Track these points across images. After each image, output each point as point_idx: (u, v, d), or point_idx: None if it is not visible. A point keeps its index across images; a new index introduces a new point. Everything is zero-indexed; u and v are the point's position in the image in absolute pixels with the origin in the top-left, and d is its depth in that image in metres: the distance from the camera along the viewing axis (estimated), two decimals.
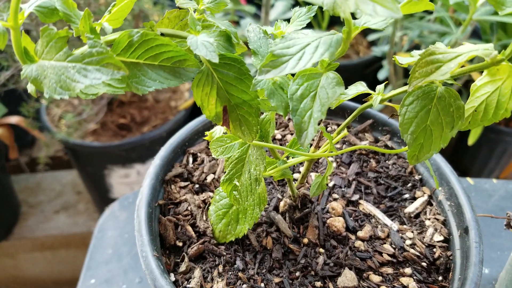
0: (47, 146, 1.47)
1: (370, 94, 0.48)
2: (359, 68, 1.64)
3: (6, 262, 1.69)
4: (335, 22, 1.81)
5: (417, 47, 1.50)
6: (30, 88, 0.38)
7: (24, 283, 1.76)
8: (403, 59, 0.45)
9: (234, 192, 0.51)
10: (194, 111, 1.52)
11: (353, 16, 0.39)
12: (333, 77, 0.39)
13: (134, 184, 1.55)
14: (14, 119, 1.54)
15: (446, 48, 0.39)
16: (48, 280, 1.77)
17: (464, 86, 1.34)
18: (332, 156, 0.68)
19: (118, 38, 0.36)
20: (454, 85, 0.45)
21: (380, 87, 0.46)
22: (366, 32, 1.77)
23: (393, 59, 1.47)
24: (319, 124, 0.39)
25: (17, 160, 1.80)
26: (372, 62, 1.61)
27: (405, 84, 0.42)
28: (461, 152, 1.59)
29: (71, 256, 1.72)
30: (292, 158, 0.54)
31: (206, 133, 0.53)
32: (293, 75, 0.40)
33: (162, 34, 0.39)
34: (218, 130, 0.54)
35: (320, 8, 0.38)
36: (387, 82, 0.84)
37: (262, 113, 0.50)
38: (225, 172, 0.50)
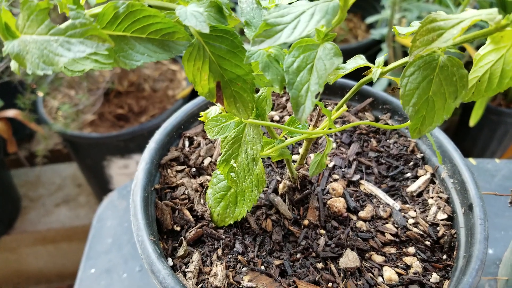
0: (45, 138, 1.46)
1: (369, 68, 0.46)
2: (358, 52, 1.60)
3: (9, 256, 1.69)
4: None
5: None
6: (14, 66, 0.36)
7: (27, 277, 1.76)
8: (403, 29, 0.43)
9: (231, 173, 0.49)
10: (192, 99, 1.50)
11: None
12: (331, 48, 0.38)
13: (134, 175, 1.54)
14: (11, 113, 1.52)
15: (448, 15, 0.38)
16: (51, 274, 1.77)
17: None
18: (331, 135, 0.66)
19: (103, 10, 0.34)
20: (457, 54, 0.43)
21: (379, 60, 0.44)
22: (365, 15, 1.74)
23: (392, 41, 1.43)
24: (316, 97, 0.37)
25: (16, 154, 1.79)
26: (371, 45, 1.58)
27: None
28: (462, 134, 1.57)
29: (73, 248, 1.72)
30: (291, 137, 0.52)
31: (201, 113, 0.52)
32: (289, 47, 0.38)
33: (149, 6, 0.37)
34: (214, 111, 0.52)
35: None
36: (386, 61, 0.82)
37: (258, 91, 0.48)
38: (221, 153, 0.49)
